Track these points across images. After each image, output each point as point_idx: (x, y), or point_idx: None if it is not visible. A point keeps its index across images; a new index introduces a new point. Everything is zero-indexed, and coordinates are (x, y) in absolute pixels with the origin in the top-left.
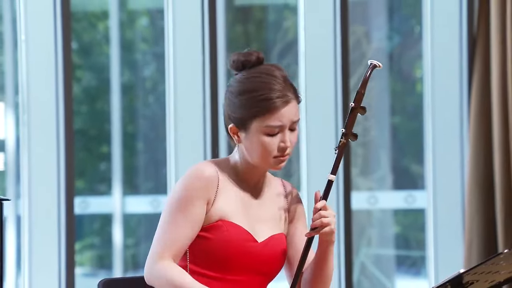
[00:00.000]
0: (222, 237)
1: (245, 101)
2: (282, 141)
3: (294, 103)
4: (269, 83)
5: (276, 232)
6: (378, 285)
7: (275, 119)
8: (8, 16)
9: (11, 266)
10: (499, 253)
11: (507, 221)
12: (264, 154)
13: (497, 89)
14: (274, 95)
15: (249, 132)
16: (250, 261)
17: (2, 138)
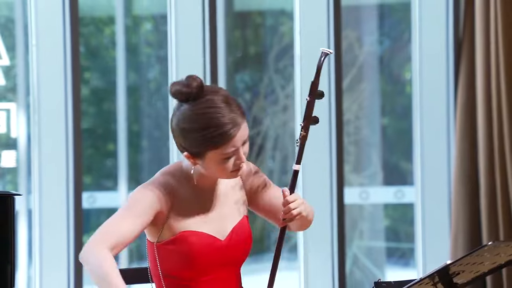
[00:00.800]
0: (186, 247)
1: (199, 139)
2: (237, 159)
3: (244, 124)
4: (217, 118)
5: (236, 222)
6: (370, 276)
7: (230, 147)
8: (20, 22)
9: (23, 257)
10: (483, 245)
11: (490, 215)
12: (222, 173)
13: (482, 91)
14: (225, 128)
15: (205, 159)
16: (217, 260)
17: (14, 137)
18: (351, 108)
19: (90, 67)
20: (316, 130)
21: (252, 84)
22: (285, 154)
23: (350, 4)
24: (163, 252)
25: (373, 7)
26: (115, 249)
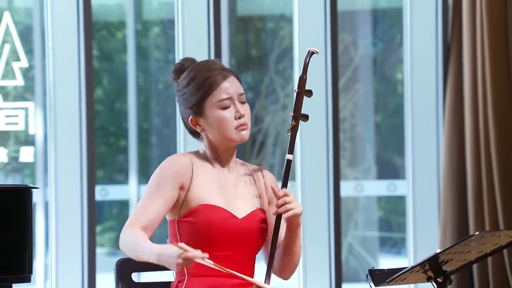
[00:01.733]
0: (204, 220)
1: (192, 90)
2: (236, 112)
3: (234, 79)
4: (206, 68)
5: (253, 208)
6: (364, 264)
7: (222, 92)
8: (37, 27)
9: (40, 246)
10: (471, 235)
11: (477, 207)
12: (225, 127)
13: (469, 90)
14: (213, 73)
15: (205, 114)
16: (232, 237)
17: (32, 134)
18: (346, 106)
19: (102, 69)
20: (314, 127)
21: (254, 84)
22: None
23: (345, 9)
24: (182, 226)
25: (367, 12)
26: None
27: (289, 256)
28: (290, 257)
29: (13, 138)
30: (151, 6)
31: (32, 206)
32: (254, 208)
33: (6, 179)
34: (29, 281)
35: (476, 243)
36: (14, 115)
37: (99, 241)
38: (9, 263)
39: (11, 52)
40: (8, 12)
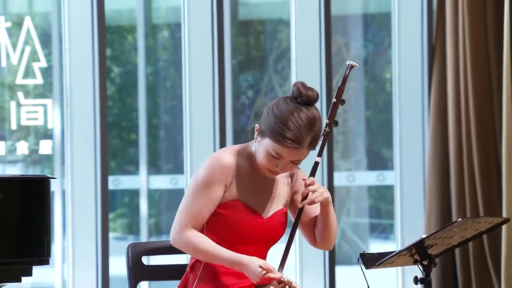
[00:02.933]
0: (234, 214)
1: (272, 123)
2: (277, 166)
3: (304, 150)
4: (293, 124)
5: (279, 208)
6: (356, 248)
7: (279, 151)
8: (55, 31)
9: (58, 231)
10: (453, 221)
11: (459, 195)
12: (262, 163)
13: (452, 89)
14: (287, 136)
15: (263, 141)
16: (257, 234)
17: (50, 128)
18: None
19: (114, 68)
20: None
21: (254, 83)
22: None
23: (338, 14)
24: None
25: (359, 16)
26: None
27: (327, 229)
28: (327, 230)
29: (33, 132)
30: (160, 11)
31: (50, 194)
32: (279, 208)
33: (27, 170)
34: (48, 263)
35: (458, 229)
36: (34, 111)
37: (112, 226)
38: (29, 247)
39: (31, 53)
40: (29, 17)
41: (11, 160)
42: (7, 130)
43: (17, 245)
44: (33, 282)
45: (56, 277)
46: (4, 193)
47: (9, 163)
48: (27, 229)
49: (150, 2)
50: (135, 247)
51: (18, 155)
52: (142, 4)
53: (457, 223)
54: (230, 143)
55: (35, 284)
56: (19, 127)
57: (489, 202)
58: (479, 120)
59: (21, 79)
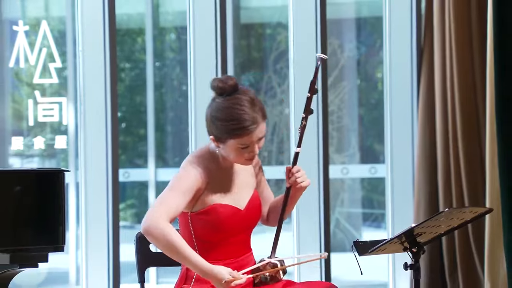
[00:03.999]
0: (216, 216)
1: (222, 127)
2: (251, 151)
3: (262, 124)
4: (240, 114)
5: (250, 194)
6: (349, 236)
7: (246, 140)
8: (70, 33)
9: (72, 220)
10: (440, 211)
11: (446, 187)
12: (237, 159)
13: (439, 88)
14: (245, 124)
15: (226, 145)
16: (239, 225)
17: (65, 124)
18: (334, 101)
19: (125, 68)
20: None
21: (255, 82)
22: (281, 138)
23: (333, 18)
24: (196, 221)
25: (352, 20)
26: (170, 222)
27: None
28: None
29: (49, 128)
30: (167, 15)
31: (65, 186)
32: (251, 193)
33: (43, 163)
34: (63, 250)
35: (445, 218)
36: (50, 108)
37: (122, 216)
38: (45, 235)
39: (47, 54)
40: (45, 21)
41: (29, 154)
42: (25, 126)
43: (34, 233)
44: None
45: (70, 263)
46: (22, 185)
47: (27, 157)
48: (43, 219)
49: (158, 6)
50: (143, 236)
51: (35, 149)
52: (150, 8)
53: (444, 213)
54: None
55: (51, 269)
56: (36, 124)
57: (473, 193)
58: (464, 117)
59: (38, 79)
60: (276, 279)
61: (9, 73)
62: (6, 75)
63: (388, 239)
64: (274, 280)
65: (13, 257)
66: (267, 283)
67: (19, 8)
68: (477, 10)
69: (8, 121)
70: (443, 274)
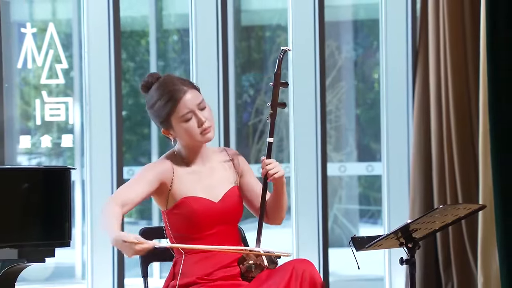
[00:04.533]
0: (188, 210)
1: (157, 110)
2: (198, 121)
3: (192, 91)
4: (163, 89)
5: (228, 189)
6: (347, 232)
7: (183, 108)
8: (76, 35)
9: (78, 217)
10: (435, 208)
11: (440, 184)
12: (191, 136)
13: (434, 88)
14: (172, 95)
15: (173, 128)
16: (214, 218)
17: (71, 123)
18: (332, 101)
19: (129, 69)
20: (305, 118)
21: (255, 83)
22: (280, 137)
23: (331, 20)
24: (170, 216)
25: (349, 23)
26: (124, 207)
27: (280, 209)
28: (280, 210)
29: (56, 127)
30: (170, 18)
31: (71, 184)
32: (229, 188)
33: (50, 161)
34: (69, 245)
35: (440, 214)
36: (57, 108)
37: None
38: (52, 231)
39: (54, 56)
40: (52, 23)
41: (36, 153)
42: (33, 125)
43: (41, 229)
44: (56, 262)
45: (76, 258)
46: (29, 182)
47: (34, 155)
48: (50, 215)
49: (161, 9)
50: (146, 231)
51: (42, 148)
52: (154, 11)
53: (438, 209)
54: (233, 136)
55: (58, 264)
56: (43, 123)
57: (467, 191)
58: (458, 116)
59: (45, 79)
60: (261, 267)
61: (17, 74)
62: (14, 76)
63: (384, 235)
64: (259, 268)
65: (21, 252)
66: (253, 272)
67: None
68: (470, 13)
69: (16, 120)
70: (437, 268)
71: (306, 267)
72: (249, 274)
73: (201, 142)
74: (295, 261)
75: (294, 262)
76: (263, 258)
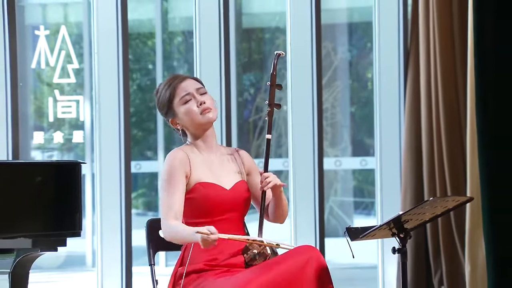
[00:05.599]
0: (201, 194)
1: (161, 99)
2: (197, 102)
3: (191, 80)
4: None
5: (238, 180)
6: (342, 222)
7: (181, 91)
8: (86, 37)
9: (88, 208)
10: (425, 200)
11: (430, 178)
12: (192, 116)
13: (424, 87)
14: (171, 82)
15: (176, 113)
16: (225, 203)
17: (82, 120)
18: (328, 99)
19: (136, 69)
20: (303, 116)
21: (255, 82)
22: (279, 133)
23: (327, 23)
24: (186, 201)
25: (344, 25)
26: (179, 219)
27: (279, 211)
28: (279, 212)
29: (67, 124)
30: (175, 21)
31: (82, 177)
32: (238, 180)
33: (62, 156)
34: (80, 235)
35: (430, 206)
36: (68, 106)
37: (134, 204)
38: (64, 222)
39: (66, 56)
40: (64, 26)
41: (49, 148)
42: (46, 122)
43: (54, 220)
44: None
45: (87, 247)
46: (42, 176)
47: (47, 150)
48: (62, 207)
49: (166, 12)
50: (153, 222)
51: (55, 143)
52: (159, 14)
53: (428, 201)
54: (235, 132)
55: (69, 252)
56: (56, 120)
57: (455, 184)
58: (447, 114)
59: (57, 79)
60: (264, 256)
61: (31, 74)
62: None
63: (377, 226)
64: (263, 257)
65: (35, 241)
66: (257, 260)
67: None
68: (459, 16)
69: (30, 117)
70: (427, 257)
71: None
72: (253, 262)
73: (202, 121)
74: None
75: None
76: (266, 247)
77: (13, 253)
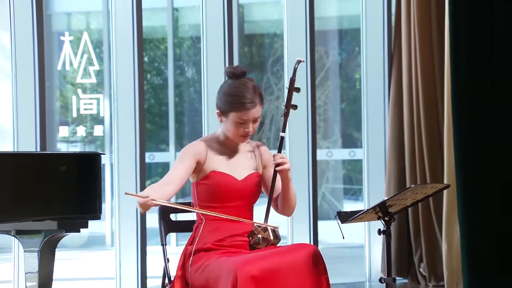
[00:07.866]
0: (215, 181)
1: (227, 101)
2: (246, 129)
3: (258, 107)
4: (242, 92)
5: (250, 172)
6: (333, 207)
7: (244, 115)
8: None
9: (108, 195)
10: (407, 187)
11: (411, 167)
12: (234, 134)
13: (406, 86)
14: (245, 101)
15: (227, 119)
16: (236, 192)
17: (102, 116)
18: (321, 97)
19: (150, 70)
20: (298, 112)
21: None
22: (277, 128)
23: (320, 29)
24: (199, 187)
25: (335, 31)
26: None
27: (287, 202)
28: (287, 203)
29: (89, 119)
30: (184, 27)
31: (102, 166)
32: (252, 172)
33: (84, 148)
34: (100, 218)
35: (411, 192)
36: (90, 103)
37: None
38: (85, 206)
39: (88, 59)
40: (86, 32)
41: (73, 140)
42: (70, 117)
43: (77, 205)
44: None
45: (106, 228)
46: (67, 165)
47: (71, 142)
48: (84, 193)
49: (177, 20)
50: (165, 207)
51: (78, 136)
52: (171, 22)
53: (410, 188)
54: None
55: (91, 233)
56: (79, 115)
57: (434, 172)
58: (426, 110)
59: (80, 79)
60: (267, 241)
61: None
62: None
63: (365, 210)
64: (266, 241)
65: (60, 224)
66: (260, 244)
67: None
68: (437, 24)
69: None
70: (409, 238)
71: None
72: (257, 245)
73: (235, 141)
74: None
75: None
76: (269, 233)
77: (41, 234)
